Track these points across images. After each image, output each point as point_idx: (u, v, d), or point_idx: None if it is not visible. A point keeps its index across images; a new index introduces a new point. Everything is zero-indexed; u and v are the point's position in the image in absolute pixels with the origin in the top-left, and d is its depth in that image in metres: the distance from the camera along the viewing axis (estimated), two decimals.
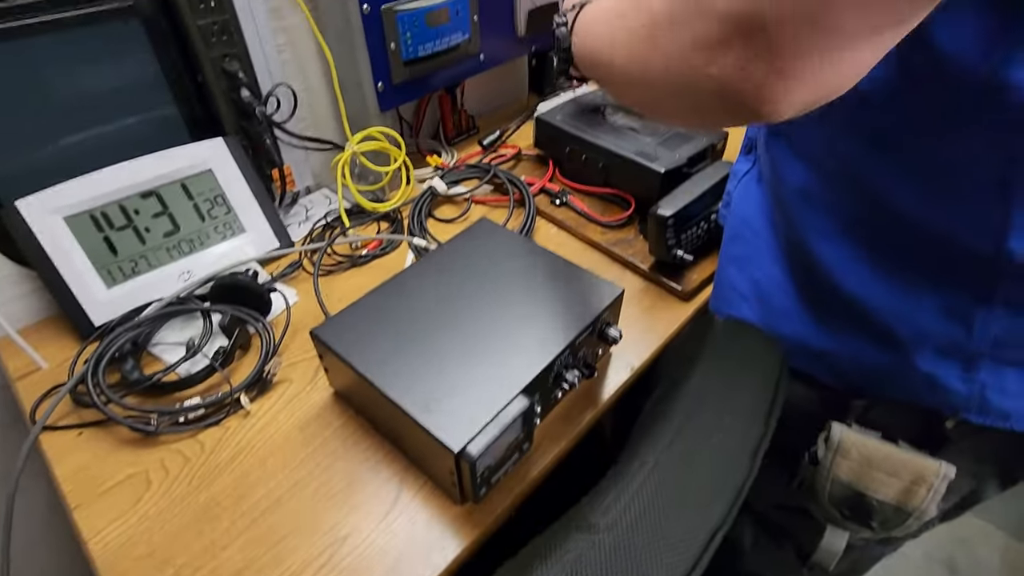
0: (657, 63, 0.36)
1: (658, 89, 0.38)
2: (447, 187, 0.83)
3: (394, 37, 0.74)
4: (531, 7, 0.91)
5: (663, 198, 0.67)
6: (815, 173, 0.48)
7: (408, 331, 0.51)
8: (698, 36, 0.32)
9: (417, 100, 0.91)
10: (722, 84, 0.32)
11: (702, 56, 0.32)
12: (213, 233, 0.70)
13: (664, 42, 0.35)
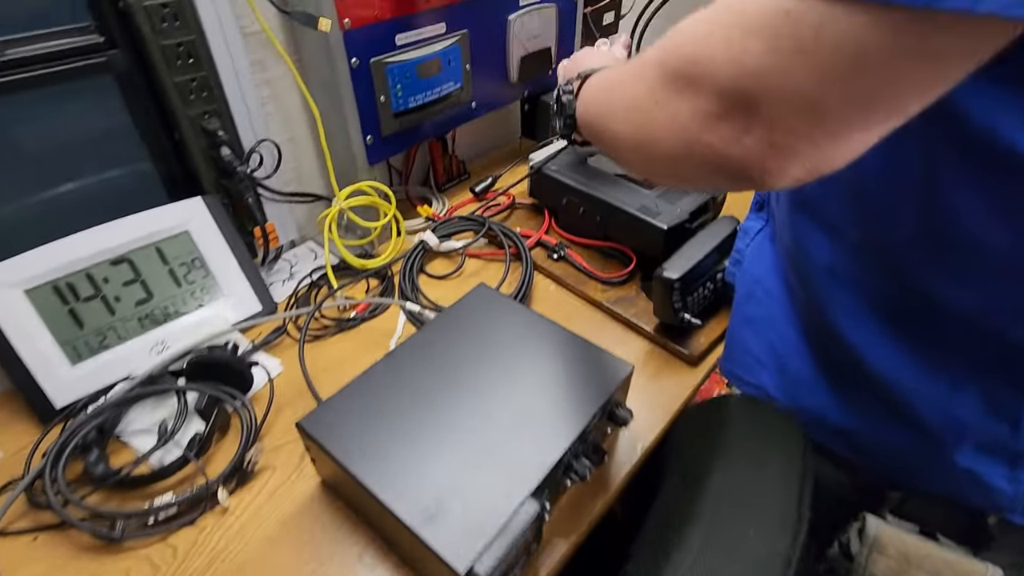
0: (657, 132, 0.35)
1: (659, 157, 0.37)
2: (439, 241, 0.79)
3: (384, 90, 0.71)
4: (524, 54, 0.89)
5: (668, 259, 0.64)
6: (840, 246, 0.45)
7: (405, 420, 0.47)
8: (697, 108, 0.32)
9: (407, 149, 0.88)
10: (720, 154, 0.32)
11: (700, 126, 0.32)
12: (190, 299, 0.66)
13: (663, 112, 0.34)
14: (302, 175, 0.81)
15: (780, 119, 0.28)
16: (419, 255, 0.78)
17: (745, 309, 0.60)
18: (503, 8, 0.83)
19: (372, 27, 0.66)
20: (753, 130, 0.29)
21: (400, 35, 0.70)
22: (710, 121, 0.31)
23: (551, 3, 0.88)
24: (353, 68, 0.67)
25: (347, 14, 0.63)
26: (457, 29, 0.77)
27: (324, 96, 0.70)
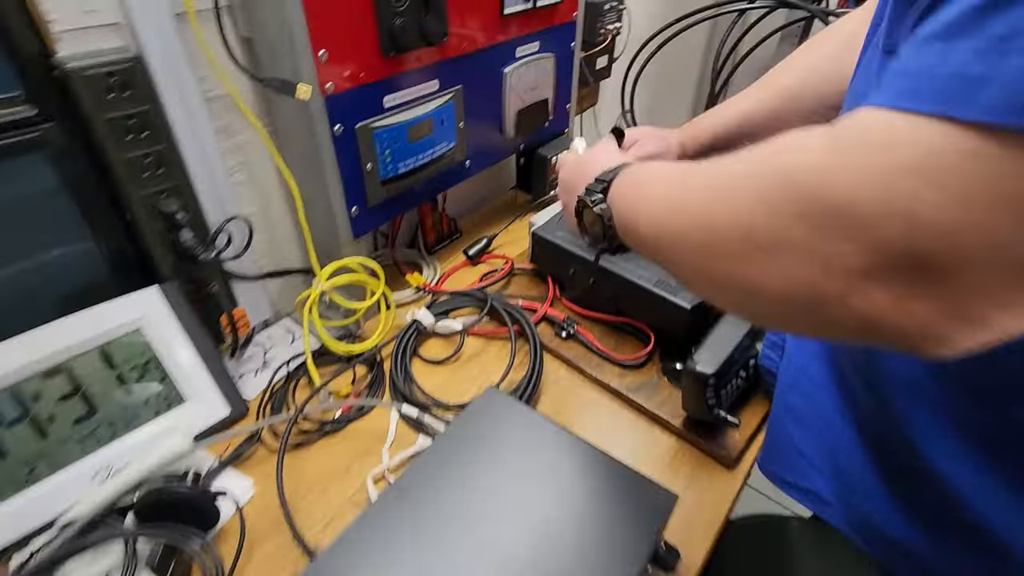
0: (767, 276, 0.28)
1: (758, 301, 0.30)
2: (435, 320, 0.71)
3: (371, 157, 0.63)
4: (520, 107, 0.82)
5: (698, 346, 0.57)
6: (926, 365, 0.39)
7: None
8: (840, 261, 0.25)
9: None
10: (867, 318, 0.25)
11: (842, 284, 0.25)
12: (143, 410, 0.55)
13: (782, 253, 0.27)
14: (277, 247, 0.72)
15: (973, 286, 0.22)
16: (412, 336, 0.69)
17: (790, 401, 0.53)
18: (499, 61, 0.76)
19: (358, 90, 0.58)
20: (927, 296, 0.23)
21: (389, 96, 0.62)
22: (858, 280, 0.24)
23: (549, 53, 0.82)
24: (336, 136, 0.58)
25: (329, 78, 0.55)
26: (451, 86, 0.70)
27: (303, 165, 0.62)
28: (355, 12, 0.55)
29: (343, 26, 0.54)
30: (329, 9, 0.52)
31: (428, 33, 0.61)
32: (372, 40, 0.57)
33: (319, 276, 0.63)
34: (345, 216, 0.64)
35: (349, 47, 0.56)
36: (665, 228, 0.37)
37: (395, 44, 0.59)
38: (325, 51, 0.53)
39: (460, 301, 0.74)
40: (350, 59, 0.56)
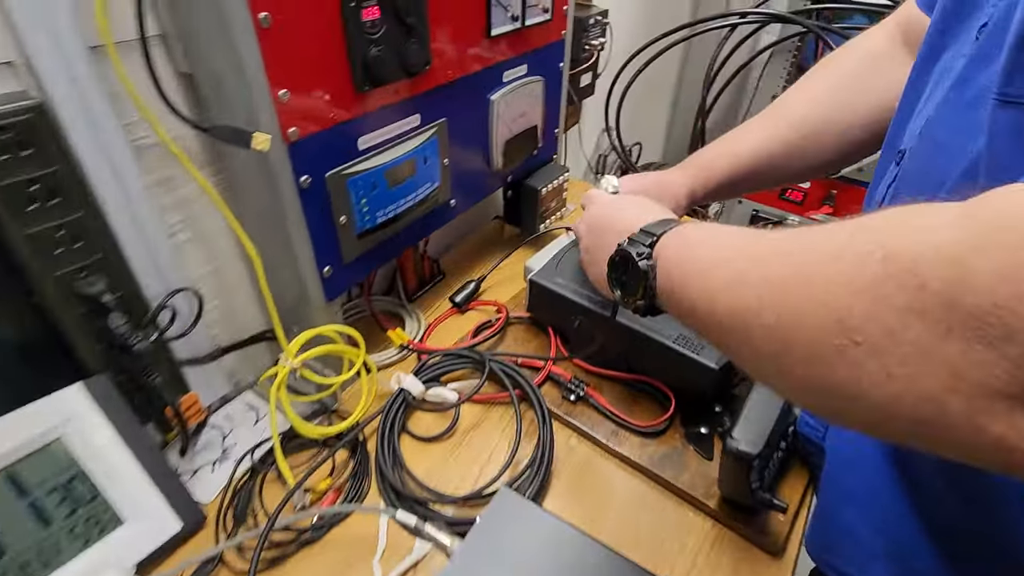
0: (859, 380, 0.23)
1: (847, 404, 0.25)
2: (424, 388, 0.61)
3: (345, 208, 0.53)
4: (508, 136, 0.73)
5: (739, 423, 0.49)
6: None
7: None
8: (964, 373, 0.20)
9: None
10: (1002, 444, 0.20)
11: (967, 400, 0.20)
12: (67, 541, 0.44)
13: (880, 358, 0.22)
14: (235, 312, 0.61)
15: None
16: (399, 410, 0.60)
17: (844, 482, 0.47)
18: (485, 87, 0.67)
19: (328, 133, 0.49)
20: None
21: (364, 137, 0.53)
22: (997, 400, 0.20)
23: (537, 76, 0.74)
24: (303, 188, 0.48)
25: (293, 121, 0.45)
26: (434, 119, 0.60)
27: (263, 222, 0.51)
28: (322, 41, 0.45)
29: (308, 59, 0.44)
30: (290, 39, 0.42)
31: (408, 62, 0.52)
32: (343, 74, 0.48)
33: (287, 351, 0.53)
34: (316, 277, 0.54)
35: (316, 83, 0.46)
36: (725, 303, 0.31)
37: (370, 77, 0.49)
38: (286, 90, 0.43)
39: (452, 363, 0.65)
40: (317, 98, 0.47)
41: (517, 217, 0.87)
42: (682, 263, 0.37)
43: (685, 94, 1.61)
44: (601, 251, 0.47)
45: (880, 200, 0.45)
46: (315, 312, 0.56)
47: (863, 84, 0.57)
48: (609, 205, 0.51)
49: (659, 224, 0.41)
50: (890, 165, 0.45)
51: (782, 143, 0.59)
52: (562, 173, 0.86)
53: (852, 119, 0.56)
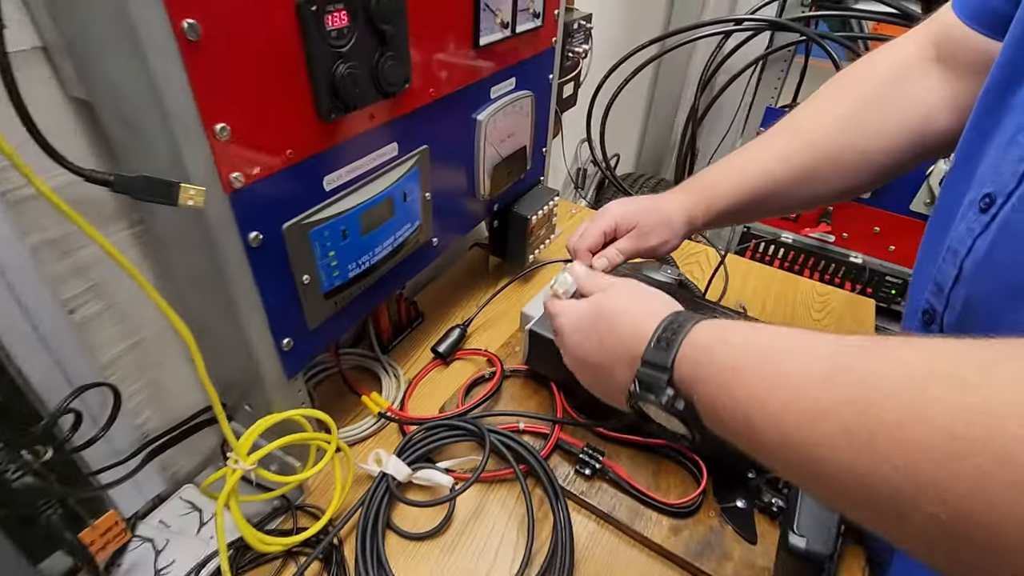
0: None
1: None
2: (410, 471, 0.51)
3: (308, 265, 0.42)
4: (496, 160, 0.64)
5: (799, 516, 0.42)
6: None
7: None
8: None
9: None
10: None
11: None
12: None
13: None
14: (167, 392, 0.48)
15: None
16: (382, 501, 0.49)
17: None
18: (471, 106, 0.57)
19: (284, 175, 0.38)
20: None
21: (331, 176, 0.42)
22: None
23: (526, 91, 0.64)
24: (253, 247, 0.37)
25: (235, 165, 0.34)
26: (414, 147, 0.50)
27: (201, 289, 0.40)
28: (274, 58, 0.34)
29: (255, 82, 0.33)
30: (228, 56, 0.31)
31: (385, 80, 0.41)
32: (303, 99, 0.37)
33: (237, 448, 0.42)
34: (272, 352, 0.43)
35: (266, 114, 0.35)
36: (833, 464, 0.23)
37: (338, 102, 0.39)
38: (225, 125, 0.32)
39: (442, 435, 0.54)
40: (269, 131, 0.35)
41: (503, 247, 0.77)
42: (728, 396, 0.29)
43: (659, 103, 1.55)
44: (603, 385, 0.40)
45: (965, 254, 0.37)
46: (272, 392, 0.45)
47: (888, 104, 0.49)
48: (580, 323, 0.41)
49: (663, 342, 0.33)
50: (970, 212, 0.37)
51: (794, 167, 0.51)
52: (551, 197, 0.77)
53: (874, 143, 0.49)
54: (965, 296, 0.37)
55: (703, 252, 0.89)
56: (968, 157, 0.41)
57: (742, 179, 0.53)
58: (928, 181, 0.88)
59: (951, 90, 0.47)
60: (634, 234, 0.53)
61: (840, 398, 0.23)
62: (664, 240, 0.53)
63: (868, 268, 0.99)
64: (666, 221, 0.53)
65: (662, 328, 0.34)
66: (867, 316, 0.78)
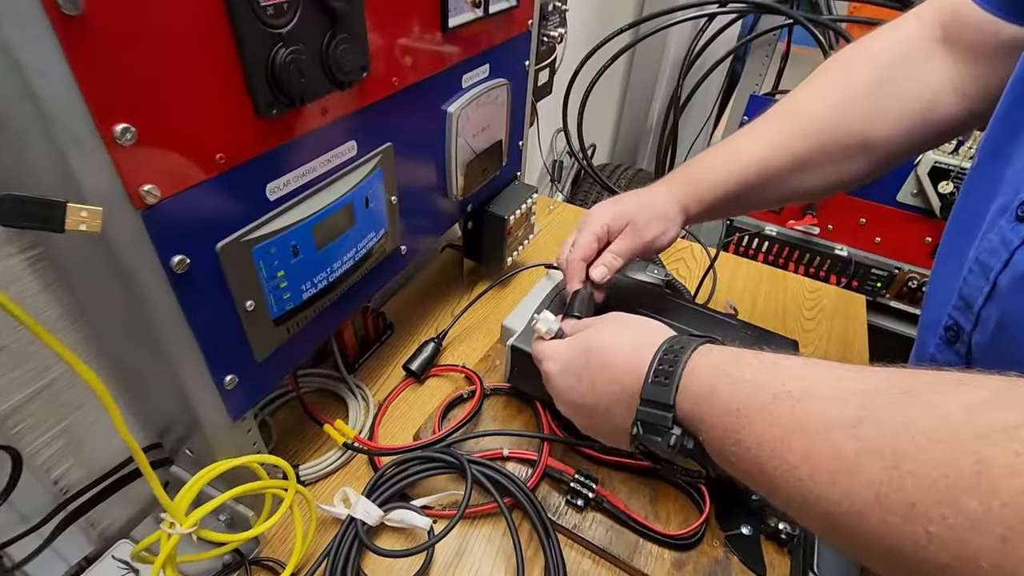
0: None
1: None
2: (382, 512, 0.45)
3: (251, 289, 0.36)
4: (470, 157, 0.57)
5: (816, 551, 0.38)
6: None
7: None
8: None
9: None
10: None
11: None
12: None
13: None
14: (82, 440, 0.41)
15: None
16: (351, 549, 0.43)
17: None
18: (440, 96, 0.51)
19: (213, 185, 0.31)
20: None
21: (275, 183, 0.35)
22: None
23: (501, 79, 0.58)
24: (178, 274, 0.30)
25: (147, 178, 0.27)
26: (376, 145, 0.43)
27: (115, 324, 0.33)
28: (189, 43, 0.27)
29: (165, 72, 0.26)
30: (124, 38, 0.24)
31: (339, 69, 0.35)
32: (234, 91, 0.30)
33: (171, 509, 0.35)
34: (212, 394, 0.36)
35: (185, 110, 0.28)
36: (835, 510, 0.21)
37: (280, 95, 0.32)
38: (128, 126, 0.25)
39: (418, 468, 0.48)
40: (190, 132, 0.29)
41: (478, 250, 0.71)
42: (741, 445, 0.26)
43: (634, 91, 1.50)
44: (603, 428, 0.37)
45: (1000, 268, 0.33)
46: (215, 438, 0.38)
47: (889, 88, 0.45)
48: (570, 365, 0.38)
49: (661, 378, 0.30)
50: (1002, 220, 0.33)
51: (788, 155, 0.47)
52: (530, 194, 0.71)
53: (874, 130, 0.45)
54: (1000, 315, 0.33)
55: (688, 249, 0.85)
56: (994, 156, 0.37)
57: (732, 168, 0.49)
58: (916, 171, 0.85)
59: (957, 74, 0.43)
60: (628, 232, 0.48)
61: (870, 449, 0.20)
62: (662, 231, 0.49)
63: (854, 261, 0.96)
64: (661, 213, 0.49)
65: (658, 359, 0.31)
66: (859, 313, 0.75)
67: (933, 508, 0.18)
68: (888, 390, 0.22)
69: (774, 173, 0.48)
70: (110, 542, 0.44)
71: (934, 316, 0.40)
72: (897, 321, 1.02)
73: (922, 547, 0.18)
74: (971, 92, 0.43)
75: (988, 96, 0.42)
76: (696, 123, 1.53)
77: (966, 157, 0.85)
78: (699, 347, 0.31)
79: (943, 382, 0.20)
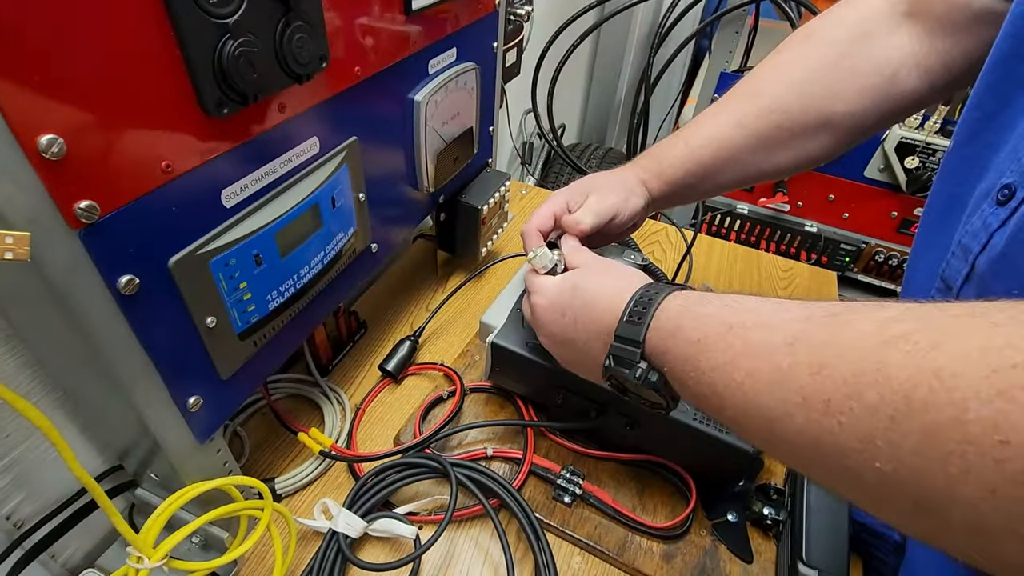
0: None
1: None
2: (365, 523, 0.43)
3: (212, 306, 0.33)
4: (440, 147, 0.55)
5: (808, 542, 0.38)
6: None
7: None
8: None
9: None
10: None
11: None
12: None
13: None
14: (35, 471, 0.38)
15: None
16: (334, 565, 0.41)
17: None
18: (406, 84, 0.48)
19: (160, 195, 0.28)
20: None
21: (230, 189, 0.32)
22: None
23: (470, 63, 0.55)
24: (126, 296, 0.28)
25: (82, 193, 0.24)
26: (340, 140, 0.41)
27: (65, 358, 0.30)
28: (120, 38, 0.24)
29: (94, 73, 0.23)
30: (38, 34, 0.21)
31: (294, 61, 0.32)
32: (177, 90, 0.27)
33: (138, 545, 0.33)
34: (176, 419, 0.34)
35: (120, 115, 0.25)
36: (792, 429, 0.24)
37: (231, 92, 0.29)
38: (55, 136, 0.22)
39: (400, 475, 0.47)
40: (129, 139, 0.26)
41: (451, 241, 0.69)
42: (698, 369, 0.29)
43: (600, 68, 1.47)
44: (579, 361, 0.40)
45: (979, 250, 0.33)
46: (181, 462, 0.36)
47: (852, 63, 0.45)
48: (557, 300, 0.40)
49: (636, 316, 0.33)
50: (984, 204, 0.33)
51: (751, 133, 0.47)
52: (503, 182, 0.69)
53: (836, 106, 0.45)
54: (977, 296, 0.33)
55: (663, 232, 0.84)
56: (971, 140, 0.37)
57: (691, 145, 0.48)
58: (883, 146, 0.86)
59: (921, 47, 0.43)
60: (590, 198, 0.47)
61: (800, 361, 0.24)
62: (624, 198, 0.48)
63: (823, 236, 0.98)
64: (620, 180, 0.48)
65: (633, 302, 0.34)
66: (831, 289, 0.77)
67: (844, 402, 0.21)
68: (821, 315, 0.25)
69: (736, 151, 0.47)
70: (75, 573, 0.42)
71: (916, 297, 0.40)
72: (865, 294, 1.05)
73: (835, 435, 0.21)
74: (934, 67, 0.43)
75: (950, 71, 0.42)
76: (664, 101, 1.52)
77: (931, 132, 0.86)
78: (671, 293, 0.34)
79: (867, 307, 0.24)
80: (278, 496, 0.48)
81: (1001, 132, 0.34)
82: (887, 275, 0.99)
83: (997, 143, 0.34)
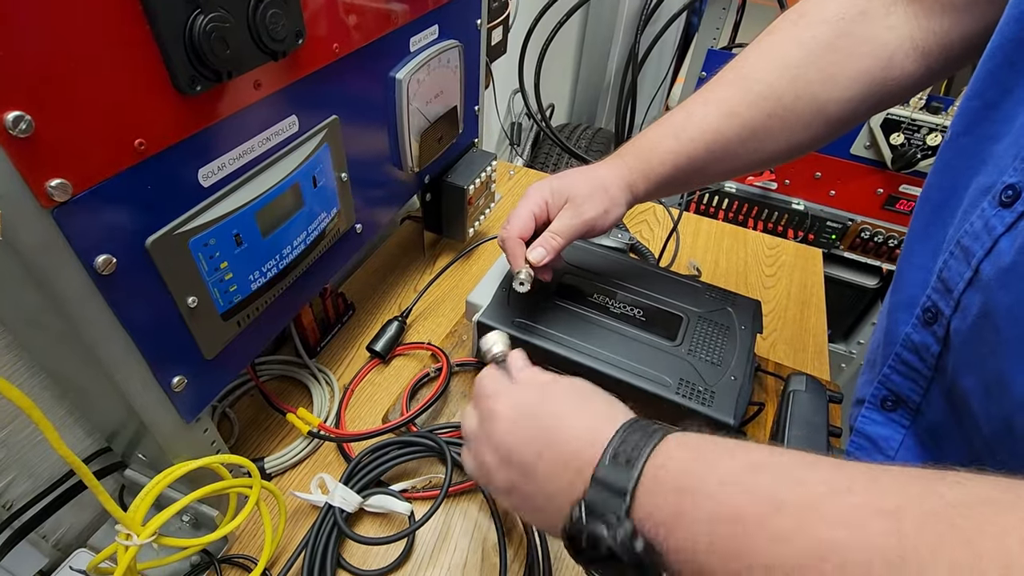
0: None
1: None
2: (360, 499, 0.44)
3: (193, 286, 0.33)
4: (424, 126, 0.54)
5: None
6: None
7: None
8: None
9: None
10: None
11: None
12: None
13: None
14: (26, 449, 0.38)
15: None
16: (329, 538, 0.42)
17: None
18: (387, 62, 0.47)
19: (134, 174, 0.28)
20: None
21: (207, 168, 0.32)
22: None
23: (452, 40, 0.55)
24: (105, 276, 0.28)
25: (53, 171, 0.24)
26: (320, 119, 0.40)
27: (47, 340, 0.30)
28: (90, 12, 0.24)
29: (60, 48, 0.23)
30: (7, 8, 0.21)
31: (269, 36, 0.31)
32: (149, 67, 0.27)
33: (126, 523, 0.33)
34: (160, 398, 0.34)
35: (90, 92, 0.25)
36: None
37: (203, 68, 0.29)
38: (22, 114, 0.22)
39: (393, 454, 0.48)
40: (100, 116, 0.25)
41: (438, 221, 0.69)
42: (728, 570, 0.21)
43: (590, 46, 1.46)
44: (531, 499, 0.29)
45: (983, 255, 0.32)
46: (168, 442, 0.36)
47: (845, 46, 0.43)
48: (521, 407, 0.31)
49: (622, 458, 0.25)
50: (984, 202, 0.32)
51: (742, 122, 0.45)
52: (489, 161, 0.68)
53: (829, 92, 0.43)
54: (983, 304, 0.32)
55: (651, 210, 0.84)
56: (969, 130, 0.35)
57: (681, 139, 0.45)
58: (869, 123, 0.86)
59: (918, 29, 0.41)
60: (568, 209, 0.45)
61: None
62: (604, 210, 0.45)
63: (810, 214, 0.98)
64: (600, 187, 0.45)
65: (619, 438, 0.26)
66: (816, 268, 0.77)
67: None
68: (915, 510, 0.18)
69: (727, 144, 0.45)
70: (67, 552, 0.42)
71: (908, 295, 0.39)
72: (850, 271, 1.06)
73: None
74: (931, 49, 0.41)
75: (947, 54, 0.40)
76: (654, 79, 1.51)
77: (916, 108, 0.86)
78: (669, 434, 0.25)
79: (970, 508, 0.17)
80: (268, 475, 0.48)
81: (1001, 123, 0.33)
82: (872, 252, 1.00)
83: (997, 134, 0.33)
